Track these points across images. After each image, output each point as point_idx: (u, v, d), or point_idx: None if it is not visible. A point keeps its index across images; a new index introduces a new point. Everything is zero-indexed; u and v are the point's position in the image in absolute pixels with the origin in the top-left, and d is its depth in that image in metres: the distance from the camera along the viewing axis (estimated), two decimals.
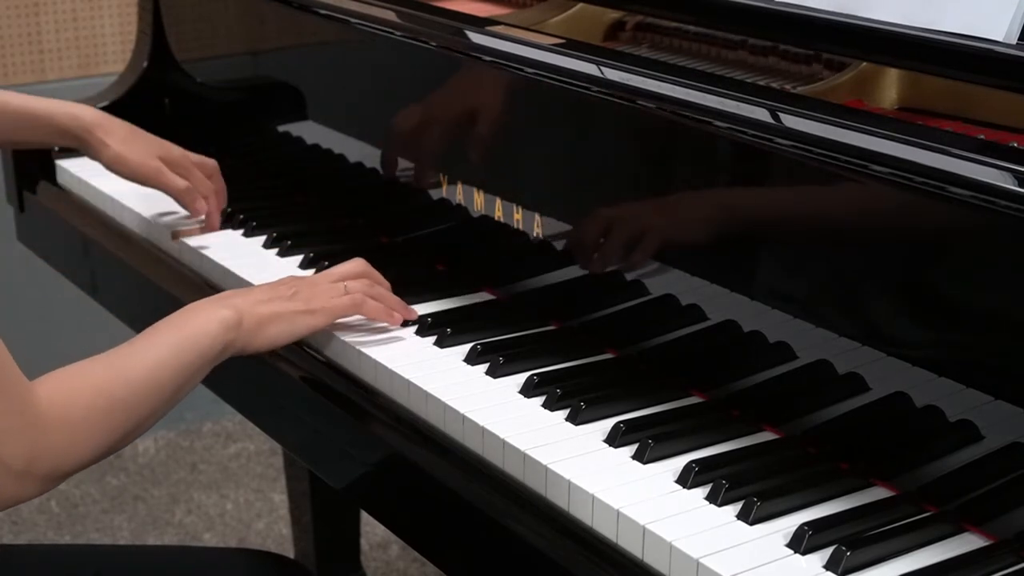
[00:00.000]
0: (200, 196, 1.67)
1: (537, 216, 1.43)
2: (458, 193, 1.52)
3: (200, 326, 1.27)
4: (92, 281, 1.90)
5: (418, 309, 1.43)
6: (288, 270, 1.58)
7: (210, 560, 1.49)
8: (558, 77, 1.36)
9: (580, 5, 1.58)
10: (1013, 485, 1.07)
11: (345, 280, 1.40)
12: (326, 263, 1.51)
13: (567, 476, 1.13)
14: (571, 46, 1.42)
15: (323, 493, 2.22)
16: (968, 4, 1.20)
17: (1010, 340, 1.05)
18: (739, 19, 1.40)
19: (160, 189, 1.68)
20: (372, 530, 2.67)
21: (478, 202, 1.50)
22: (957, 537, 1.06)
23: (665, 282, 1.32)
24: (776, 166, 1.20)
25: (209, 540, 2.75)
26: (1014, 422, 1.06)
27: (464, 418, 1.23)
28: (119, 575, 1.42)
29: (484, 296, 1.49)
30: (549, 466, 1.15)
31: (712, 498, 1.10)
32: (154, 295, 1.67)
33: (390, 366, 1.33)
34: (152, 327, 1.27)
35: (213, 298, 1.34)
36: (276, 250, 1.63)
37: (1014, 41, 1.17)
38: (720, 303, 1.27)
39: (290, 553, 2.39)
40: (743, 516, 1.07)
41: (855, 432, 1.17)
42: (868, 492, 1.12)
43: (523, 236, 1.44)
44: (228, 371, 1.33)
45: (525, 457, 1.17)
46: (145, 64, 2.05)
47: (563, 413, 1.23)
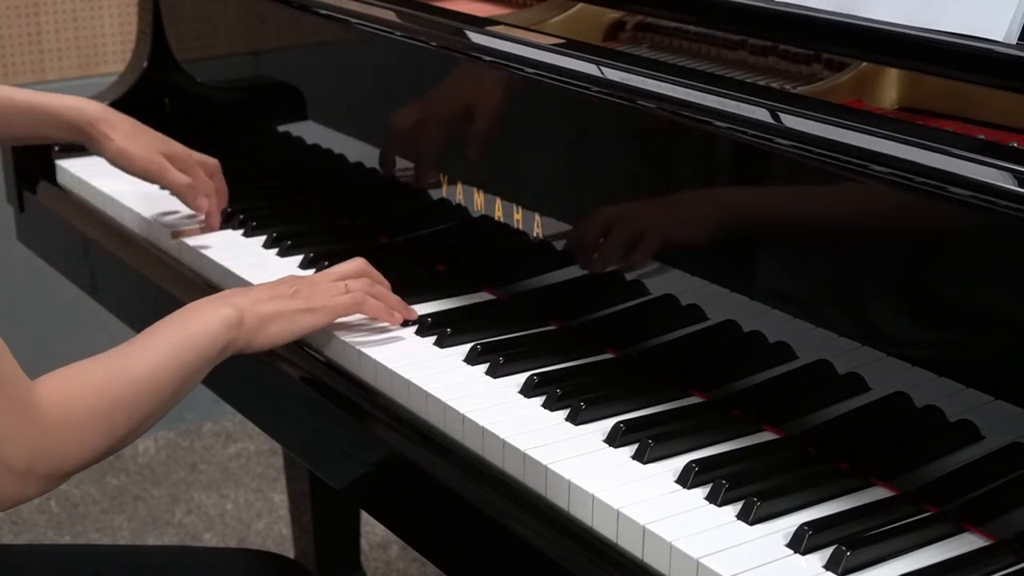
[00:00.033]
0: (202, 193, 1.67)
1: (537, 216, 1.43)
2: (458, 193, 1.52)
3: (201, 325, 1.27)
4: (92, 281, 1.90)
5: (418, 309, 1.43)
6: (288, 270, 1.58)
7: (210, 560, 1.49)
8: (558, 77, 1.36)
9: (580, 5, 1.58)
10: (1013, 485, 1.07)
11: (345, 279, 1.40)
12: (326, 263, 1.50)
13: (567, 476, 1.13)
14: (571, 46, 1.42)
15: (323, 493, 2.22)
16: (968, 4, 1.20)
17: (1010, 340, 1.05)
18: (739, 19, 1.40)
19: (162, 185, 1.68)
20: (372, 530, 2.67)
21: (478, 202, 1.50)
22: (957, 537, 1.06)
23: (665, 282, 1.32)
24: (776, 166, 1.20)
25: (209, 540, 2.74)
26: (1014, 422, 1.06)
27: (464, 418, 1.23)
28: (119, 575, 1.42)
29: (484, 296, 1.49)
30: (549, 466, 1.15)
31: (712, 498, 1.10)
32: (154, 295, 1.67)
33: (390, 366, 1.33)
34: (153, 326, 1.27)
35: (214, 297, 1.34)
36: (276, 250, 1.63)
37: (1014, 41, 1.17)
38: (720, 303, 1.27)
39: (290, 553, 2.39)
40: (743, 516, 1.07)
41: (855, 432, 1.17)
42: (868, 492, 1.12)
43: (523, 236, 1.44)
44: (228, 371, 1.33)
45: (525, 457, 1.17)
46: (145, 64, 2.05)
47: (563, 413, 1.23)
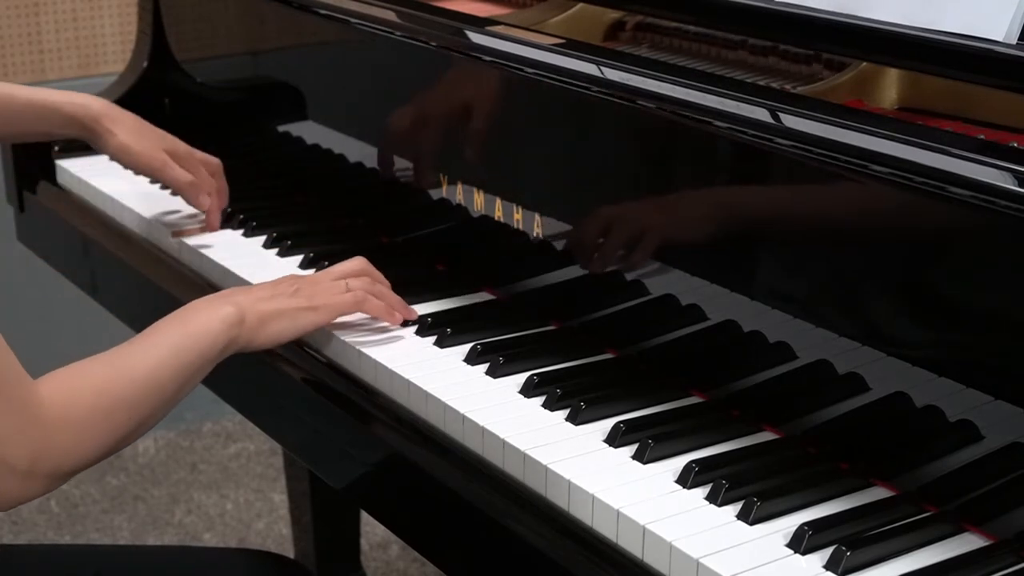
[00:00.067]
0: (204, 191, 1.67)
1: (537, 216, 1.43)
2: (458, 193, 1.52)
3: (202, 324, 1.27)
4: (92, 281, 1.90)
5: (418, 309, 1.43)
6: (288, 270, 1.58)
7: (210, 560, 1.49)
8: (558, 77, 1.36)
9: (580, 5, 1.58)
10: (1013, 485, 1.07)
11: (346, 278, 1.40)
12: (326, 263, 1.50)
13: (567, 476, 1.13)
14: (571, 46, 1.42)
15: (323, 493, 2.22)
16: (968, 4, 1.20)
17: (1010, 340, 1.05)
18: (739, 19, 1.40)
19: (165, 182, 1.68)
20: (372, 530, 2.67)
21: (478, 202, 1.50)
22: (957, 537, 1.06)
23: (665, 282, 1.32)
24: (776, 166, 1.20)
25: (209, 540, 2.74)
26: (1014, 422, 1.06)
27: (464, 418, 1.23)
28: (119, 575, 1.42)
29: (484, 296, 1.49)
30: (549, 466, 1.15)
31: (712, 498, 1.10)
32: (154, 295, 1.67)
33: (390, 366, 1.33)
34: (154, 325, 1.27)
35: (215, 296, 1.34)
36: (276, 250, 1.63)
37: (1014, 41, 1.17)
38: (720, 303, 1.27)
39: (290, 553, 2.39)
40: (743, 516, 1.07)
41: (855, 432, 1.17)
42: (868, 492, 1.11)
43: (523, 236, 1.44)
44: (228, 371, 1.33)
45: (525, 457, 1.17)
46: (145, 64, 2.05)
47: (563, 413, 1.23)
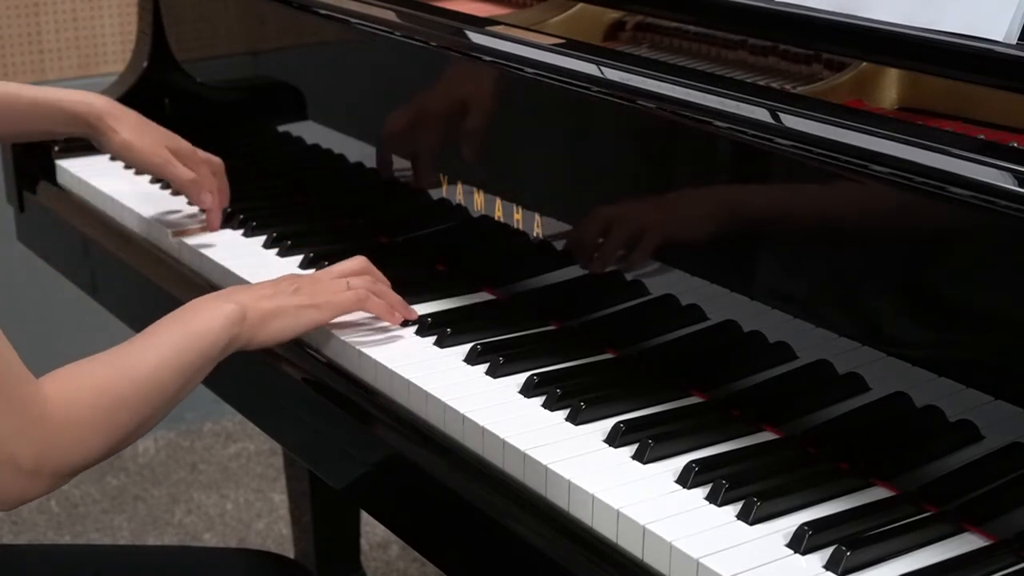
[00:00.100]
0: (206, 189, 1.67)
1: (537, 216, 1.43)
2: (458, 193, 1.52)
3: (203, 323, 1.27)
4: (92, 281, 1.90)
5: (418, 309, 1.43)
6: (288, 270, 1.58)
7: (210, 560, 1.49)
8: (558, 77, 1.36)
9: (580, 5, 1.58)
10: (1013, 485, 1.07)
11: (347, 276, 1.40)
12: (326, 263, 1.50)
13: (567, 476, 1.13)
14: (571, 46, 1.42)
15: (323, 493, 2.22)
16: (968, 4, 1.20)
17: (1010, 340, 1.05)
18: (739, 19, 1.40)
19: (167, 179, 1.68)
20: (372, 530, 2.67)
21: (478, 202, 1.50)
22: (957, 537, 1.06)
23: (665, 282, 1.32)
24: (776, 166, 1.20)
25: (209, 540, 2.74)
26: (1014, 422, 1.06)
27: (464, 418, 1.23)
28: (119, 575, 1.42)
29: (484, 296, 1.49)
30: (549, 466, 1.15)
31: (712, 498, 1.10)
32: (154, 295, 1.67)
33: (390, 366, 1.33)
34: (155, 324, 1.27)
35: (216, 294, 1.34)
36: (276, 250, 1.63)
37: (1014, 41, 1.17)
38: (720, 303, 1.27)
39: (290, 553, 2.39)
40: (743, 516, 1.07)
41: (855, 432, 1.17)
42: (868, 492, 1.11)
43: (523, 236, 1.44)
44: (229, 371, 1.33)
45: (525, 457, 1.17)
46: (145, 64, 2.05)
47: (563, 413, 1.23)
